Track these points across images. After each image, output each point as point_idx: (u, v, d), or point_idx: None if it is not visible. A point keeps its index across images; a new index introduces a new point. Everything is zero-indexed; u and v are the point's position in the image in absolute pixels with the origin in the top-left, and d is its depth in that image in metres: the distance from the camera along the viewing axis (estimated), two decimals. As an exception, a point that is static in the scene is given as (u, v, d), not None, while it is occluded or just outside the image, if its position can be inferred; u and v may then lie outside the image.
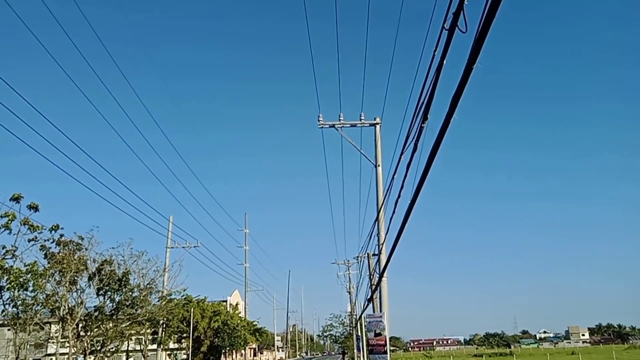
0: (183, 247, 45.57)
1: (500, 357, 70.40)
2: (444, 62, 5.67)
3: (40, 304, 25.00)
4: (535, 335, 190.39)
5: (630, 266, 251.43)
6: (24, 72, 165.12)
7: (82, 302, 28.76)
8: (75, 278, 27.62)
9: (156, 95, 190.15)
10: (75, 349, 28.66)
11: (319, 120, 19.26)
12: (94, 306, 31.38)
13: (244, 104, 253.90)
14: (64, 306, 26.95)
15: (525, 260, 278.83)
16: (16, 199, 23.60)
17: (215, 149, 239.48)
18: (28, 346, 28.63)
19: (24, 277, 23.28)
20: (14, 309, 24.09)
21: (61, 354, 28.12)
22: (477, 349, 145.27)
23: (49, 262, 25.98)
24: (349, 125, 19.18)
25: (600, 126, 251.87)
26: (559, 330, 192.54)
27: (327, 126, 19.28)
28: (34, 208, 24.35)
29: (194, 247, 46.00)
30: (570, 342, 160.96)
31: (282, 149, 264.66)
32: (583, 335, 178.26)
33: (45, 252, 26.04)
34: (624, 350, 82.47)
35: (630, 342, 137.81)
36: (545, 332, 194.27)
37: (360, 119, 19.08)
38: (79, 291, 28.68)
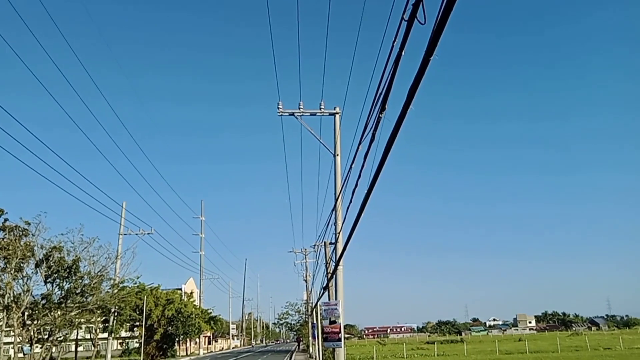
0: (136, 234, 44.62)
1: (452, 344, 72.41)
2: (403, 53, 5.67)
3: (-17, 292, 24.00)
4: (485, 323, 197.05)
5: (576, 254, 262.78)
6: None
7: (28, 290, 27.81)
8: (22, 265, 26.67)
9: (105, 67, 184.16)
10: (20, 337, 27.71)
11: (278, 108, 19.10)
12: (42, 294, 30.39)
13: (203, 79, 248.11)
14: (9, 294, 25.99)
15: (477, 249, 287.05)
16: (-43, 181, 22.48)
17: (169, 128, 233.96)
18: (-30, 335, 27.48)
19: (-35, 264, 22.28)
20: (-45, 297, 23.04)
21: (5, 343, 27.11)
22: (429, 336, 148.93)
23: (-8, 248, 24.94)
24: (308, 114, 19.11)
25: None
26: (507, 318, 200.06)
27: (287, 114, 19.16)
28: (-24, 191, 23.26)
29: (148, 234, 45.13)
30: (518, 330, 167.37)
31: (241, 132, 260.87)
32: (530, 322, 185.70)
33: (-12, 237, 24.99)
34: (567, 336, 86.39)
35: (574, 329, 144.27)
36: (494, 320, 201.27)
37: (320, 108, 19.03)
38: (25, 278, 27.72)
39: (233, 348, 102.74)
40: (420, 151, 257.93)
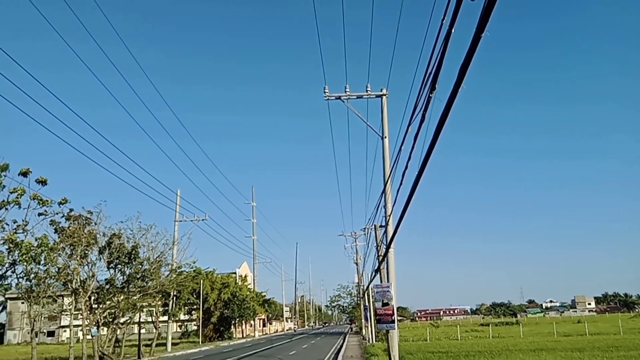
0: (191, 221, 45.99)
1: (507, 326, 71.15)
2: (452, 30, 5.57)
3: (53, 277, 25.43)
4: (541, 305, 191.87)
5: (637, 234, 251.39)
6: (26, 46, 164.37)
7: (93, 275, 29.25)
8: (86, 252, 28.02)
9: (165, 77, 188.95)
10: (88, 320, 29.26)
11: (324, 93, 19.10)
12: (105, 279, 31.91)
13: (250, 63, 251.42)
14: (76, 279, 27.41)
15: (533, 230, 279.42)
16: (24, 173, 23.81)
17: (221, 120, 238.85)
18: (42, 318, 29.27)
19: (36, 251, 23.63)
20: (28, 282, 24.53)
21: (75, 326, 28.70)
22: (483, 318, 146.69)
23: (59, 236, 26.32)
24: (355, 97, 19.02)
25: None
26: (565, 299, 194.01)
27: (333, 98, 19.13)
28: (42, 182, 24.57)
29: (202, 220, 46.40)
30: (576, 311, 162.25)
31: (290, 123, 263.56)
32: (589, 304, 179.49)
33: (55, 226, 26.38)
34: (629, 318, 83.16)
35: (637, 310, 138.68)
36: (551, 301, 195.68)
37: (367, 91, 18.89)
38: (90, 264, 29.14)
39: (287, 330, 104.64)
40: (473, 137, 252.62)
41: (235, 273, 79.32)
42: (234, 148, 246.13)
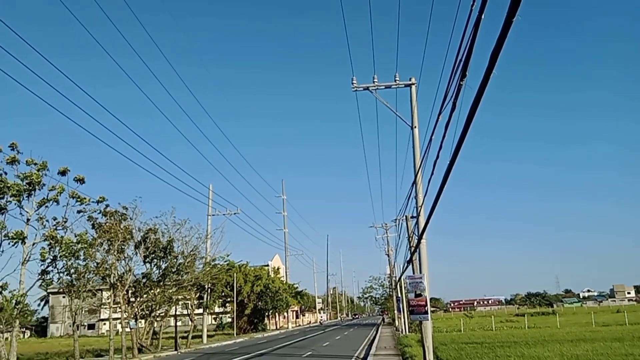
0: (224, 215, 46.57)
1: (543, 317, 69.91)
2: (482, 16, 5.49)
3: (92, 272, 26.19)
4: (578, 295, 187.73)
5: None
6: (52, 40, 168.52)
7: (130, 270, 29.98)
8: (123, 247, 28.72)
9: (189, 62, 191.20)
10: (126, 313, 30.05)
11: (352, 84, 19.02)
12: (142, 273, 32.69)
13: (276, 70, 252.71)
14: (114, 274, 28.16)
15: (569, 217, 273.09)
16: (63, 172, 24.52)
17: (248, 114, 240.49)
18: (83, 312, 30.14)
19: (75, 247, 24.35)
20: (68, 277, 25.31)
21: (114, 319, 29.49)
22: (518, 308, 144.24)
23: (97, 232, 27.05)
24: (383, 87, 18.88)
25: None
26: (603, 288, 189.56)
27: (361, 89, 19.04)
28: (80, 181, 25.27)
29: (234, 214, 46.95)
30: (615, 301, 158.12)
31: (318, 114, 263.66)
32: (629, 293, 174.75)
33: (92, 222, 27.12)
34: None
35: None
36: (589, 291, 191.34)
37: (395, 80, 18.72)
38: (127, 259, 29.88)
39: (321, 322, 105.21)
40: (508, 119, 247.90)
41: (267, 265, 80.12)
42: (264, 142, 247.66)
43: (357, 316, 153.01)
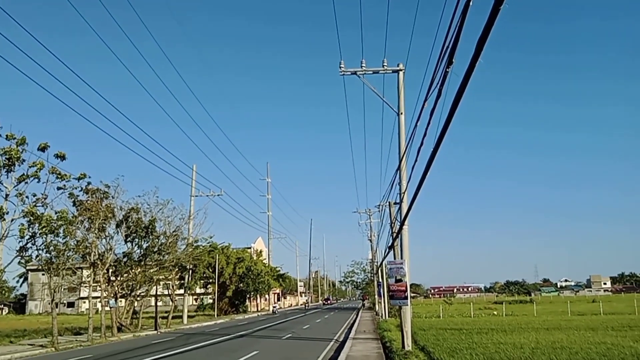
0: (207, 196, 46.34)
1: (520, 305, 71.16)
2: (471, 3, 5.44)
3: (72, 250, 25.90)
4: (556, 284, 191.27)
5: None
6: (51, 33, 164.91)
7: (111, 249, 29.76)
8: (104, 225, 28.45)
9: (176, 42, 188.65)
10: (106, 292, 29.88)
11: (340, 68, 18.86)
12: (123, 252, 32.48)
13: (266, 52, 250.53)
14: (94, 252, 27.91)
15: (547, 208, 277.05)
16: (43, 148, 24.11)
17: (235, 97, 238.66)
18: (62, 290, 29.89)
19: (55, 224, 24.03)
20: (47, 255, 25.02)
21: (93, 297, 29.34)
22: (497, 296, 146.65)
23: (77, 210, 26.73)
24: (371, 72, 18.75)
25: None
26: (580, 279, 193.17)
27: (349, 73, 18.89)
28: (61, 157, 24.88)
29: (218, 195, 46.73)
30: (591, 291, 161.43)
31: (304, 98, 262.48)
32: (605, 284, 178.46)
33: (73, 200, 26.77)
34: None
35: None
36: (566, 280, 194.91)
37: (383, 66, 18.60)
38: (108, 238, 29.62)
39: (302, 305, 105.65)
40: (493, 103, 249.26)
41: (250, 248, 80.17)
42: (249, 125, 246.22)
43: (329, 301, 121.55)
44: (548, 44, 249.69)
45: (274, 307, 68.93)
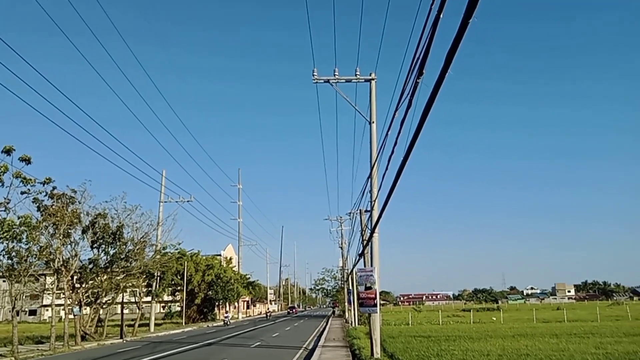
0: (176, 202, 45.75)
1: (488, 312, 72.25)
2: (441, 16, 5.54)
3: (35, 256, 25.18)
4: (522, 292, 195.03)
5: (617, 224, 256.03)
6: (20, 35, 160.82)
7: (76, 255, 29.06)
8: (69, 231, 27.79)
9: (145, 43, 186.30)
10: (70, 300, 29.12)
11: (313, 75, 18.98)
12: (89, 259, 31.73)
13: (238, 57, 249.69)
14: (59, 258, 27.21)
15: (515, 217, 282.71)
16: (7, 151, 23.41)
17: (205, 102, 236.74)
18: (24, 297, 29.06)
19: (18, 229, 23.35)
20: (9, 261, 24.26)
21: (57, 305, 28.55)
22: (465, 304, 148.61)
23: (42, 215, 26.03)
24: (344, 81, 18.91)
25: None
26: (546, 287, 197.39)
27: (322, 81, 19.02)
28: (26, 161, 24.19)
29: (188, 201, 46.18)
30: (556, 298, 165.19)
31: (277, 104, 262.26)
32: (569, 291, 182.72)
33: (38, 204, 26.07)
34: (607, 306, 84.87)
35: (614, 298, 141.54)
36: (532, 288, 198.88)
37: (356, 75, 18.79)
38: (73, 244, 28.93)
39: (264, 314, 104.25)
40: (462, 107, 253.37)
41: (220, 255, 79.31)
42: (221, 130, 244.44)
43: (294, 310, 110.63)
44: (529, 44, 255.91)
45: (226, 317, 55.59)
